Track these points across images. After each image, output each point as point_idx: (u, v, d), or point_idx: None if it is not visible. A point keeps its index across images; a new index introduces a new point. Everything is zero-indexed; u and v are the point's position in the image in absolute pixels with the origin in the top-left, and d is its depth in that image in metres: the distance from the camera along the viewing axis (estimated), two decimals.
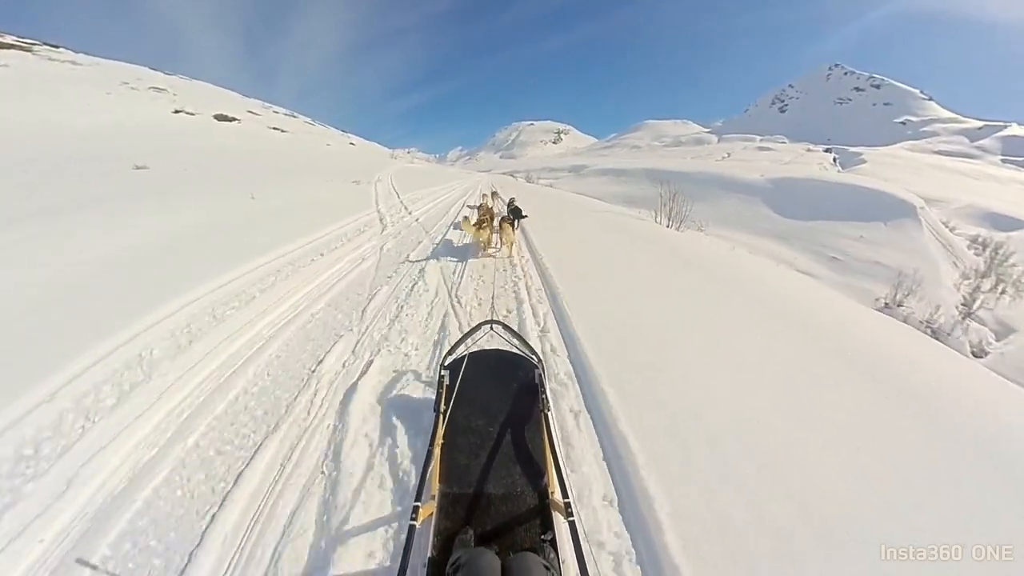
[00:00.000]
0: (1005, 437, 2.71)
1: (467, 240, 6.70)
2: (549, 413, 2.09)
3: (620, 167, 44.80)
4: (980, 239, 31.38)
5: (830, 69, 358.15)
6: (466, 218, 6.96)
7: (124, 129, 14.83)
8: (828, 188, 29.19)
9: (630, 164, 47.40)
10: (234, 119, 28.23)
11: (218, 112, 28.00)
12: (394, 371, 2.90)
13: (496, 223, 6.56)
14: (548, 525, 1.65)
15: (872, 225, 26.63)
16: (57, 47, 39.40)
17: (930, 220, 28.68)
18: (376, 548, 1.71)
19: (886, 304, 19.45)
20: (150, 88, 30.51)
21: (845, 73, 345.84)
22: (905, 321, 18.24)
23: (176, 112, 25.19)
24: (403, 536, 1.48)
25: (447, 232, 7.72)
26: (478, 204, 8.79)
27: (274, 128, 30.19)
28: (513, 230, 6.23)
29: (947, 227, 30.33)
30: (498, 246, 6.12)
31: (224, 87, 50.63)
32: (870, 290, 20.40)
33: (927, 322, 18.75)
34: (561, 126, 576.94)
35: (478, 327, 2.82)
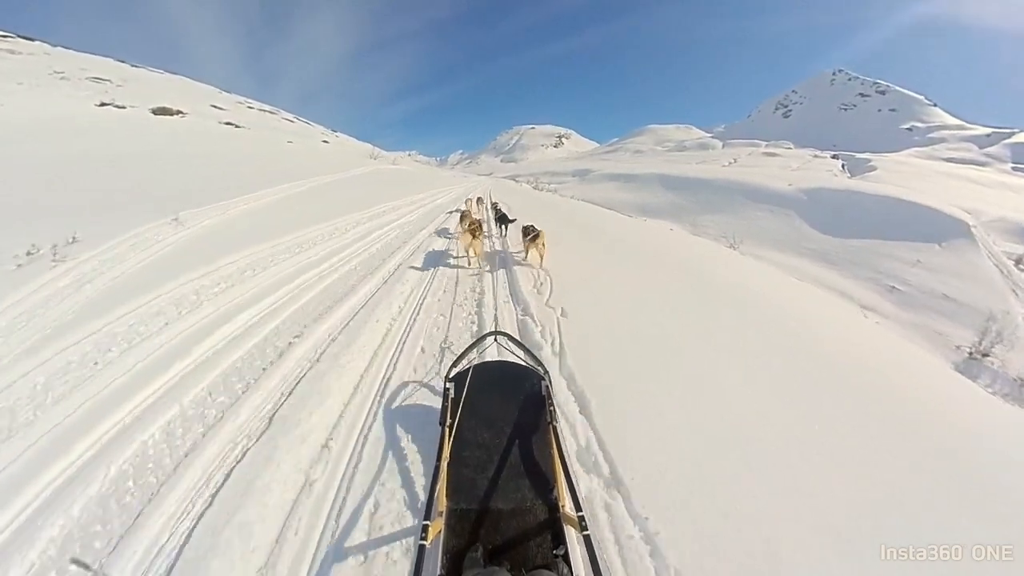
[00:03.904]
0: None
1: None
2: (557, 425, 2.03)
3: (629, 172, 41.04)
4: None
5: (834, 74, 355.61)
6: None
7: None
8: (868, 201, 25.25)
9: (639, 169, 43.58)
10: (179, 112, 24.55)
11: (159, 106, 24.28)
12: None
13: (528, 236, 6.27)
14: (560, 539, 1.59)
15: (926, 246, 22.45)
16: (32, 39, 36.04)
17: (986, 241, 24.83)
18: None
19: (970, 354, 15.45)
20: (89, 78, 26.80)
21: (849, 79, 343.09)
22: (996, 380, 14.33)
23: (102, 105, 21.47)
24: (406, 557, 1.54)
25: None
26: (462, 210, 8.11)
27: (227, 123, 26.51)
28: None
29: None
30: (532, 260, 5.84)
31: (217, 86, 46.84)
32: (945, 333, 16.44)
33: (1022, 380, 14.80)
34: (562, 130, 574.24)
35: (483, 338, 2.79)
